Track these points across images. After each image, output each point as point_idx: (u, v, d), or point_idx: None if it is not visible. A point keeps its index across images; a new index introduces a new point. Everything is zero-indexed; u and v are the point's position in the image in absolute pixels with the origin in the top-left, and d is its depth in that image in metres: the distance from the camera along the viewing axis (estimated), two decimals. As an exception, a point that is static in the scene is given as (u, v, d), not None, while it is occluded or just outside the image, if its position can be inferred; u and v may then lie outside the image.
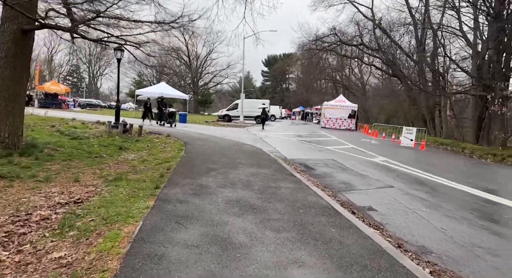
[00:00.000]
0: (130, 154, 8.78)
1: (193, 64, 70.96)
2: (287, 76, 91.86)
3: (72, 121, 16.65)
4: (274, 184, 6.05)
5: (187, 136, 13.85)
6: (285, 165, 8.51)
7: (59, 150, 7.89)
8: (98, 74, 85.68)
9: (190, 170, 6.66)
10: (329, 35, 31.36)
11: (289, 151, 11.97)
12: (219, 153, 9.49)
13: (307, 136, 19.94)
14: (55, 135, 11.00)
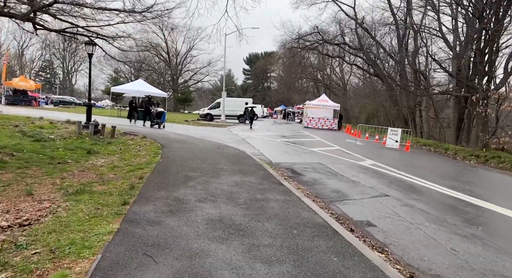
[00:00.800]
0: (99, 159, 7.89)
1: (173, 61, 69.29)
2: (268, 75, 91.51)
3: (40, 120, 15.39)
4: (261, 195, 5.38)
5: (164, 137, 12.97)
6: (272, 171, 7.87)
7: (15, 156, 6.92)
8: (73, 70, 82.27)
9: (166, 179, 5.89)
10: (312, 34, 31.01)
11: (274, 154, 11.35)
12: (199, 157, 8.74)
13: (291, 137, 19.41)
14: (15, 137, 9.91)
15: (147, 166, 7.11)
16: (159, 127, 18.29)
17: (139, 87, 28.69)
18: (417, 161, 13.00)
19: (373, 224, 4.82)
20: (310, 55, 53.85)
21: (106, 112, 30.69)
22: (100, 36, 10.41)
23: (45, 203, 4.31)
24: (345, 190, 6.85)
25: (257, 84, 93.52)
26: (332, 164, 10.15)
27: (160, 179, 5.88)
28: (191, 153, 9.31)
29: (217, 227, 3.78)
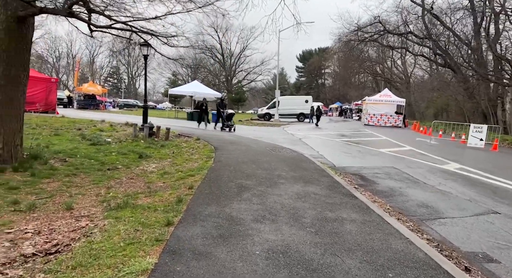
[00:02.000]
0: (150, 164, 7.45)
1: (227, 62, 70.29)
2: (323, 71, 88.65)
3: (101, 123, 15.91)
4: (332, 213, 4.33)
5: (218, 139, 12.43)
6: (338, 178, 6.74)
7: (67, 161, 6.71)
8: (136, 75, 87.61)
9: (217, 190, 5.12)
10: (373, 24, 28.68)
11: (337, 156, 10.13)
12: (254, 161, 7.91)
13: (352, 136, 17.84)
14: (75, 141, 10.02)
15: (198, 172, 6.44)
16: (229, 130, 16.89)
17: (195, 88, 29.05)
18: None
19: (494, 258, 3.51)
20: (369, 48, 50.68)
21: (164, 114, 31.67)
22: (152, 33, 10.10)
23: (83, 221, 3.75)
24: (434, 204, 5.49)
25: (310, 81, 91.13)
26: (408, 168, 8.67)
27: (211, 190, 5.12)
28: (245, 156, 8.53)
29: (281, 265, 2.84)
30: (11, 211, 3.88)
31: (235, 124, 17.46)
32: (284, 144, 12.30)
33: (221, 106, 17.84)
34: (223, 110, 17.52)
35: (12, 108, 5.65)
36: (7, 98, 5.57)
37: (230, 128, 17.00)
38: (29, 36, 5.79)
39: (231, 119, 17.29)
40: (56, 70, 76.45)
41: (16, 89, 5.70)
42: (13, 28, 5.50)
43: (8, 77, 5.56)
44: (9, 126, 5.60)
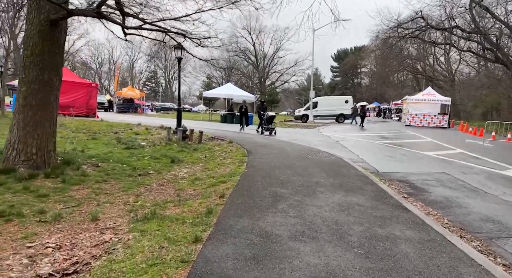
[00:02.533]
0: (182, 169, 7.22)
1: (260, 63, 70.16)
2: (359, 70, 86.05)
3: (137, 126, 16.17)
4: (382, 230, 3.76)
5: (251, 141, 12.06)
6: (384, 186, 6.08)
7: (100, 166, 6.63)
8: (173, 79, 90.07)
9: (250, 199, 4.70)
10: (414, 19, 27.03)
11: (379, 161, 9.38)
12: (289, 166, 7.42)
13: (394, 137, 16.75)
14: (110, 144, 10.10)
15: (230, 178, 6.07)
16: (270, 133, 15.86)
17: (228, 90, 29.06)
18: None
19: None
20: (410, 45, 48.19)
21: (198, 117, 32.03)
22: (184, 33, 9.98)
23: (107, 234, 3.49)
24: (503, 218, 4.71)
25: (346, 81, 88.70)
26: (462, 174, 7.76)
27: (243, 199, 4.72)
28: (279, 161, 8.06)
29: (326, 299, 2.35)
30: (36, 221, 3.72)
31: (276, 127, 16.40)
32: (320, 147, 11.68)
33: (261, 108, 16.87)
34: (263, 113, 16.46)
35: (45, 112, 5.62)
36: (41, 103, 5.55)
37: (271, 132, 15.97)
38: (61, 40, 5.76)
39: (272, 122, 16.26)
40: (98, 76, 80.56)
41: (49, 93, 5.67)
42: (46, 31, 5.47)
43: (42, 82, 5.53)
44: (42, 131, 5.58)
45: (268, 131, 16.05)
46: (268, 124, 16.09)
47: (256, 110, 17.59)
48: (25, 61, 5.43)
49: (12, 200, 4.26)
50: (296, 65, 66.83)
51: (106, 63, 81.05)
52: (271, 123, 16.16)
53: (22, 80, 5.43)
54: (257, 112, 17.25)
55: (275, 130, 16.09)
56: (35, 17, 5.40)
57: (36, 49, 5.44)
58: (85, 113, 21.67)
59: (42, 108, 5.56)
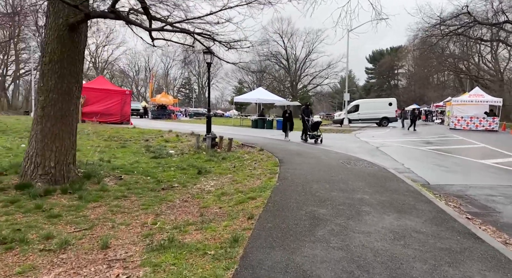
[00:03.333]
0: (209, 181, 6.67)
1: (292, 67, 69.38)
2: (395, 72, 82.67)
3: (168, 133, 16.02)
4: (454, 270, 2.92)
5: (283, 149, 11.36)
6: (441, 203, 5.14)
7: (122, 179, 6.24)
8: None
9: (283, 223, 4.01)
10: (459, 15, 25.05)
11: (428, 171, 8.32)
12: (326, 178, 6.64)
13: (440, 143, 15.32)
14: (138, 153, 9.84)
15: (260, 193, 5.42)
16: (315, 141, 14.18)
17: (259, 95, 28.61)
18: None
19: None
20: (453, 43, 45.22)
21: (229, 122, 31.83)
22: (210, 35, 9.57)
23: (115, 268, 2.96)
24: None
25: (381, 83, 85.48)
26: (534, 189, 6.57)
27: (275, 222, 4.04)
28: (315, 172, 7.29)
29: None
30: (39, 250, 3.27)
31: (322, 134, 14.64)
32: (359, 154, 10.74)
33: (305, 113, 15.07)
34: (308, 118, 14.79)
35: (64, 123, 5.30)
36: (59, 113, 5.24)
37: (316, 139, 14.24)
38: (81, 45, 5.45)
39: (318, 129, 14.58)
40: (135, 83, 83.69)
41: (69, 103, 5.36)
42: (65, 36, 5.17)
43: (61, 90, 5.23)
44: (61, 143, 5.26)
45: (313, 139, 14.38)
46: (313, 131, 14.47)
47: (301, 115, 15.65)
48: (44, 68, 5.15)
49: (21, 221, 3.89)
50: (329, 67, 65.38)
51: (143, 70, 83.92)
52: (316, 129, 14.49)
53: (40, 89, 5.16)
54: (301, 118, 15.62)
55: (321, 137, 14.40)
56: (53, 22, 5.12)
57: (55, 55, 5.14)
58: (119, 120, 22.07)
59: (61, 118, 5.25)
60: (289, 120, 15.88)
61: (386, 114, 29.15)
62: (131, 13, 7.10)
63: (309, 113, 15.17)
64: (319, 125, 14.75)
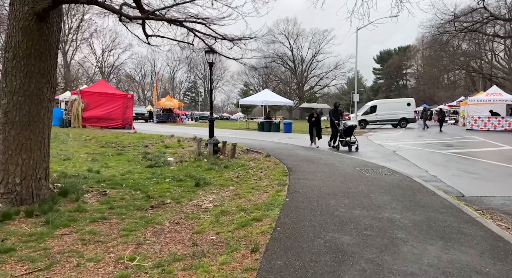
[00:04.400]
0: (207, 195, 5.76)
1: (298, 68, 68.47)
2: (404, 72, 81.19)
3: (170, 138, 15.19)
4: None
5: (291, 154, 10.41)
6: (494, 227, 4.14)
7: (106, 195, 5.37)
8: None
9: (297, 259, 3.08)
10: (475, 10, 23.82)
11: (458, 179, 7.30)
12: (345, 192, 5.68)
13: (460, 145, 14.21)
14: (134, 162, 9.00)
15: (267, 212, 4.50)
16: (350, 149, 11.91)
17: (265, 97, 27.72)
18: None
19: None
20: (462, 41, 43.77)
21: (235, 125, 30.95)
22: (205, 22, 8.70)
23: None
24: None
25: (390, 83, 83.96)
26: None
27: (287, 258, 3.10)
28: (330, 182, 6.34)
29: None
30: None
31: (357, 141, 12.35)
32: (376, 160, 9.75)
33: (335, 115, 12.98)
34: (339, 122, 12.68)
35: (33, 131, 4.44)
36: (27, 119, 4.38)
37: (351, 147, 11.96)
38: (53, 38, 4.58)
39: (352, 134, 12.31)
40: (142, 87, 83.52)
41: (39, 106, 4.49)
42: (32, 27, 4.32)
43: (28, 92, 4.37)
44: (29, 155, 4.40)
45: (347, 146, 12.05)
46: (346, 136, 12.15)
47: (329, 118, 13.49)
48: (6, 66, 4.30)
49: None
50: (337, 68, 64.41)
51: (149, 75, 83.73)
52: (350, 135, 12.20)
53: (3, 91, 4.30)
54: (330, 121, 13.49)
55: (356, 144, 12.08)
56: (17, 10, 4.27)
57: (20, 50, 4.29)
58: (121, 125, 21.35)
59: (28, 125, 4.39)
60: (316, 125, 13.32)
61: (404, 114, 27.97)
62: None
63: (339, 116, 13.24)
64: (353, 130, 12.41)
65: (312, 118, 13.49)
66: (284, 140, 16.26)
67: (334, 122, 12.81)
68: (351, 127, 12.38)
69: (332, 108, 14.00)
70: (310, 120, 13.62)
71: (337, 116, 13.02)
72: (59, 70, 57.70)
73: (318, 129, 13.30)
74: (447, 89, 62.03)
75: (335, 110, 13.42)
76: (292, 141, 15.67)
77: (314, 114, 13.44)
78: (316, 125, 13.30)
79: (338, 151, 11.85)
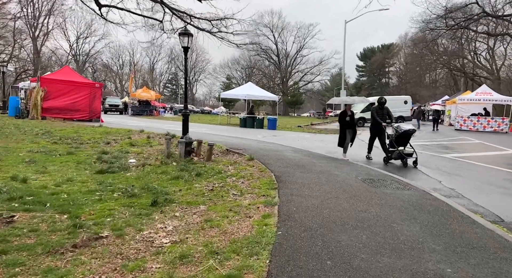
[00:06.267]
0: (167, 222, 4.09)
1: (283, 63, 66.95)
2: (386, 70, 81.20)
3: (139, 134, 13.32)
4: None
5: (280, 158, 8.86)
6: None
7: (11, 223, 3.61)
8: (194, 80, 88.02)
9: None
10: (467, 6, 22.99)
11: (484, 195, 5.95)
12: (355, 217, 4.18)
13: (458, 148, 13.10)
14: (84, 164, 7.22)
15: (250, 263, 2.92)
16: (405, 164, 8.57)
17: (248, 90, 26.01)
18: None
19: None
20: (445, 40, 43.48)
21: (216, 120, 29.10)
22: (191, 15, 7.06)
23: None
24: None
25: (372, 81, 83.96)
26: None
27: None
28: (332, 201, 4.82)
29: None
30: None
31: (415, 152, 8.67)
32: (376, 165, 8.39)
33: (380, 115, 9.30)
34: (387, 124, 9.21)
35: None
36: None
37: (406, 161, 8.55)
38: None
39: (408, 142, 8.75)
40: (119, 78, 79.79)
41: None
42: None
43: None
44: None
45: (400, 159, 8.71)
46: (399, 145, 8.64)
47: (371, 118, 9.82)
48: None
49: None
50: (321, 64, 63.44)
51: (127, 64, 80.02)
52: (405, 144, 8.70)
53: None
54: (371, 123, 10.09)
55: (415, 157, 8.56)
56: None
57: None
58: (87, 117, 19.17)
59: None
60: (350, 127, 9.52)
61: (401, 113, 26.81)
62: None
63: (385, 115, 9.34)
64: (411, 136, 8.76)
65: (345, 117, 9.39)
66: (269, 138, 14.70)
67: (381, 124, 9.19)
68: (407, 132, 8.64)
69: (375, 106, 9.99)
70: (343, 121, 9.45)
71: (383, 116, 9.30)
72: (27, 56, 54.02)
73: (354, 131, 9.63)
74: (429, 88, 62.24)
75: (380, 109, 9.44)
76: (278, 140, 14.13)
77: (348, 112, 9.43)
78: (352, 127, 9.53)
79: (326, 152, 10.39)
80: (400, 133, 8.68)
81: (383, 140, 9.31)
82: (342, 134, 9.63)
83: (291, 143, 12.78)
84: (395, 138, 8.77)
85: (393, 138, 8.83)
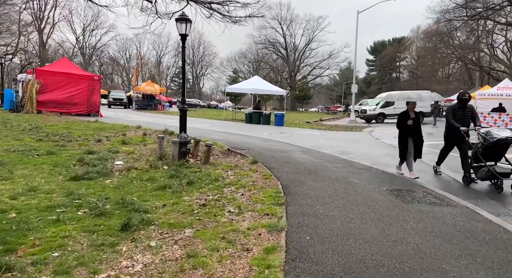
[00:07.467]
0: (136, 256, 3.04)
1: (291, 56, 65.33)
2: (397, 64, 78.99)
3: (136, 130, 12.31)
4: None
5: (287, 160, 7.75)
6: None
7: None
8: (201, 74, 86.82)
9: None
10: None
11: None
12: (394, 256, 3.08)
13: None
14: (60, 167, 6.27)
15: None
16: (498, 187, 6.03)
17: (255, 85, 24.85)
18: None
19: None
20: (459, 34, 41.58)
21: (221, 115, 28.01)
22: None
23: None
24: None
25: (382, 76, 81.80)
26: None
27: None
28: (357, 225, 3.72)
29: None
30: None
31: None
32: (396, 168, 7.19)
33: (459, 116, 6.73)
34: (468, 128, 6.69)
35: None
36: None
37: (499, 184, 6.03)
38: None
39: (503, 156, 6.26)
40: (126, 71, 79.05)
41: None
42: None
43: None
44: None
45: (490, 180, 6.29)
46: (488, 159, 6.20)
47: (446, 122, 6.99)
48: None
49: None
50: (331, 57, 61.67)
51: (134, 58, 79.05)
52: (498, 158, 6.29)
53: None
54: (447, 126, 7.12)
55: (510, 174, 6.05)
56: None
57: None
58: (86, 111, 18.24)
59: None
60: (415, 134, 6.94)
61: (422, 108, 25.24)
62: None
63: (469, 118, 6.78)
64: (508, 147, 6.16)
65: (407, 119, 6.87)
66: (276, 136, 13.59)
67: (458, 130, 6.54)
68: (501, 141, 5.97)
69: (453, 103, 7.68)
70: (403, 125, 6.93)
71: (463, 118, 6.70)
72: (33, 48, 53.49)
73: (419, 140, 6.97)
74: (441, 83, 60.22)
75: (460, 108, 6.77)
76: (285, 138, 13.01)
77: (411, 114, 6.96)
78: (416, 133, 6.93)
79: (338, 153, 9.23)
80: (491, 143, 6.01)
81: (464, 151, 6.65)
82: (403, 142, 6.97)
83: (300, 141, 11.65)
84: (482, 150, 6.19)
85: (479, 150, 6.22)
